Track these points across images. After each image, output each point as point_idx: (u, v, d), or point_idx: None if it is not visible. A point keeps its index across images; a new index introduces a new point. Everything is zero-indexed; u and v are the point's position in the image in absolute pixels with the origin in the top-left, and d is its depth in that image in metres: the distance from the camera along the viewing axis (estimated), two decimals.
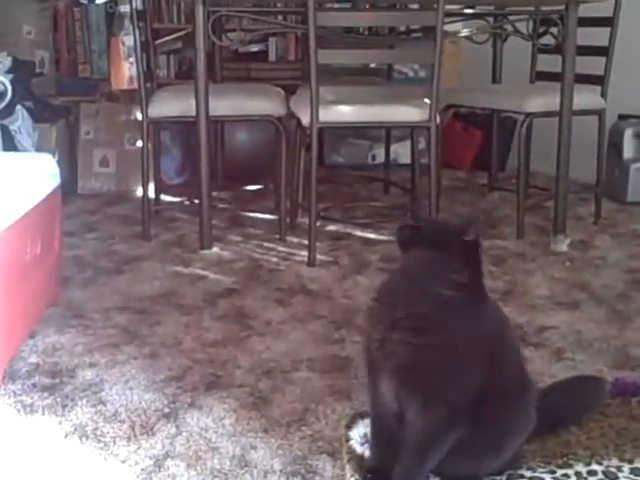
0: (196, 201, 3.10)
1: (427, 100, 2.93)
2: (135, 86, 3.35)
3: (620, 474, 1.60)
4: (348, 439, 1.69)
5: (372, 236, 3.23)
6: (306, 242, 2.92)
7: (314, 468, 1.64)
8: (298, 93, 3.27)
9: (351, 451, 1.64)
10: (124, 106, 3.90)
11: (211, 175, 3.15)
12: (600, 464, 1.63)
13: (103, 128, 3.83)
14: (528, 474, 1.59)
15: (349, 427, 1.73)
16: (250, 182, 3.80)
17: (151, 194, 3.41)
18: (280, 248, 3.10)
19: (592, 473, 1.60)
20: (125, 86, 3.74)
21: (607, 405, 1.88)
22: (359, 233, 3.27)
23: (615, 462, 1.64)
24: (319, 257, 2.92)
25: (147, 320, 2.41)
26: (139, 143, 3.27)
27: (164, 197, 3.63)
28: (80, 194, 3.80)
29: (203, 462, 1.67)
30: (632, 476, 1.59)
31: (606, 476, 1.59)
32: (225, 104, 3.11)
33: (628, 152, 3.78)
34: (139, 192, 3.24)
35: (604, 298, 2.61)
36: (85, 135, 3.82)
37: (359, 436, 1.68)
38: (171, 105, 3.14)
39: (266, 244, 3.14)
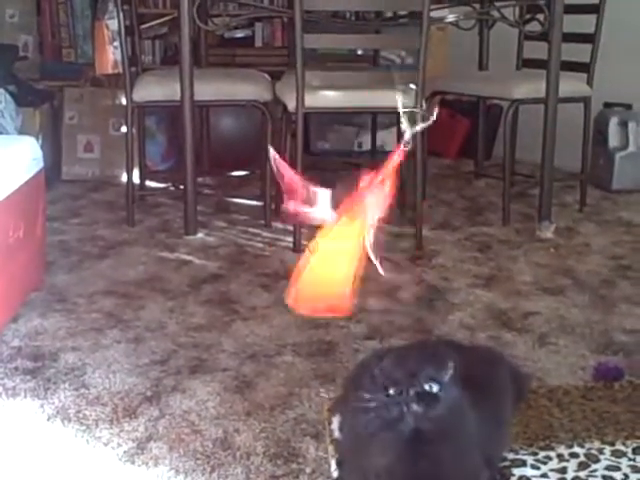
0: (181, 187, 3.08)
1: (413, 86, 2.92)
2: (120, 71, 3.32)
3: (601, 456, 1.61)
4: (331, 422, 1.69)
5: None
6: (291, 228, 2.91)
7: (297, 450, 1.64)
8: (284, 78, 3.25)
9: (334, 434, 1.64)
10: (109, 91, 3.87)
11: (196, 161, 3.14)
12: (582, 446, 1.64)
13: (87, 113, 3.80)
14: (510, 456, 1.60)
15: (333, 410, 1.73)
16: (236, 168, 3.78)
17: (136, 180, 3.39)
18: (265, 234, 3.09)
19: (574, 455, 1.61)
20: (110, 71, 3.70)
21: (589, 389, 1.90)
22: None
23: (597, 444, 1.65)
24: (304, 243, 2.92)
25: (131, 305, 2.40)
26: (124, 128, 3.25)
27: (149, 183, 3.60)
28: (64, 179, 3.77)
29: (186, 445, 1.67)
30: (613, 458, 1.60)
31: (588, 458, 1.60)
32: (210, 89, 3.10)
33: (613, 140, 3.80)
34: (124, 178, 3.22)
35: (588, 284, 2.62)
36: (69, 120, 3.79)
37: None
38: (156, 89, 3.12)
39: (251, 230, 3.13)
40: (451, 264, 2.79)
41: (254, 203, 3.33)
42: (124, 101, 3.14)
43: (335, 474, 1.53)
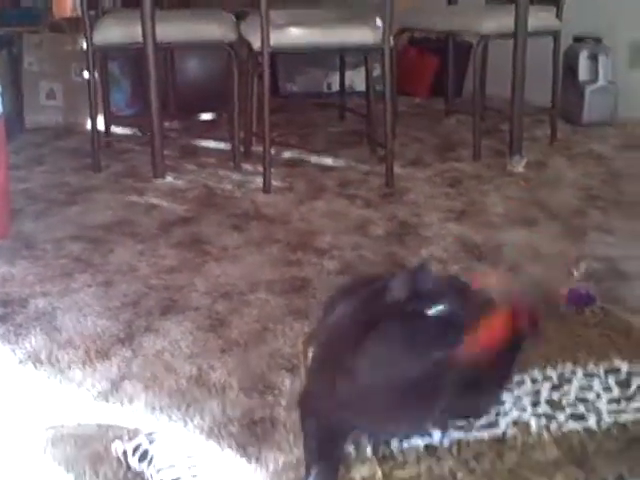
0: (148, 132, 3.02)
1: (380, 22, 2.87)
2: (79, 14, 3.22)
3: (574, 377, 1.63)
4: (307, 355, 1.69)
5: (328, 162, 3.20)
6: (261, 169, 2.88)
7: (272, 384, 1.64)
8: (248, 19, 3.18)
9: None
10: (68, 36, 3.75)
11: (162, 105, 3.08)
12: (555, 369, 1.66)
13: (48, 59, 3.69)
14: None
15: (307, 343, 1.73)
16: (203, 111, 3.71)
17: (101, 126, 3.32)
18: (235, 176, 3.05)
19: (547, 378, 1.63)
20: (68, 14, 3.60)
21: (562, 315, 1.91)
22: (315, 159, 3.23)
23: (569, 367, 1.67)
24: (274, 184, 2.89)
25: (100, 249, 2.36)
26: (86, 74, 3.17)
27: (115, 129, 3.54)
28: (28, 129, 3.68)
29: (160, 383, 1.66)
30: (586, 379, 1.62)
31: (560, 380, 1.62)
32: (173, 29, 3.02)
33: (583, 74, 3.78)
34: (88, 125, 3.15)
35: (559, 215, 2.63)
36: (29, 66, 3.68)
37: None
38: (117, 31, 3.03)
39: (220, 172, 3.09)
40: (422, 200, 2.78)
41: (223, 146, 3.28)
42: (85, 46, 3.05)
43: None
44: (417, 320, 1.24)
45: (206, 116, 3.57)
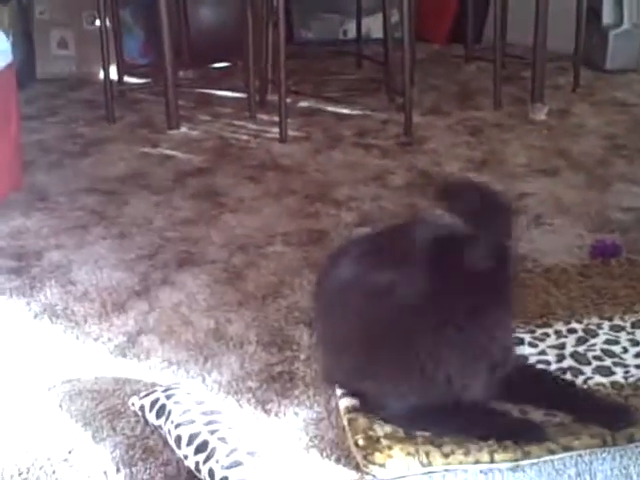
0: (162, 82, 2.96)
1: None
2: None
3: (600, 331, 1.59)
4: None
5: (345, 111, 3.12)
6: (277, 119, 2.82)
7: (290, 338, 1.61)
8: None
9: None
10: None
11: (176, 53, 3.01)
12: (580, 322, 1.62)
13: (59, 7, 3.60)
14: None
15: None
16: (217, 60, 3.63)
17: (114, 76, 3.26)
18: (250, 126, 2.99)
19: (572, 331, 1.59)
20: None
21: (587, 266, 1.86)
22: (332, 108, 3.16)
23: (595, 320, 1.62)
24: (291, 133, 2.83)
25: (115, 201, 2.33)
26: (98, 22, 3.09)
27: (128, 79, 3.47)
28: (39, 79, 3.62)
29: (177, 336, 1.64)
30: (612, 332, 1.58)
31: (586, 333, 1.58)
32: None
33: (607, 17, 3.64)
34: (101, 74, 3.09)
35: (583, 164, 2.56)
36: (40, 15, 3.60)
37: None
38: None
39: (236, 122, 3.03)
40: (442, 149, 2.72)
41: (238, 95, 3.21)
42: None
43: None
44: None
45: (221, 65, 3.49)
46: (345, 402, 1.37)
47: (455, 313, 1.26)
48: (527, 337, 1.57)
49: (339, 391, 1.40)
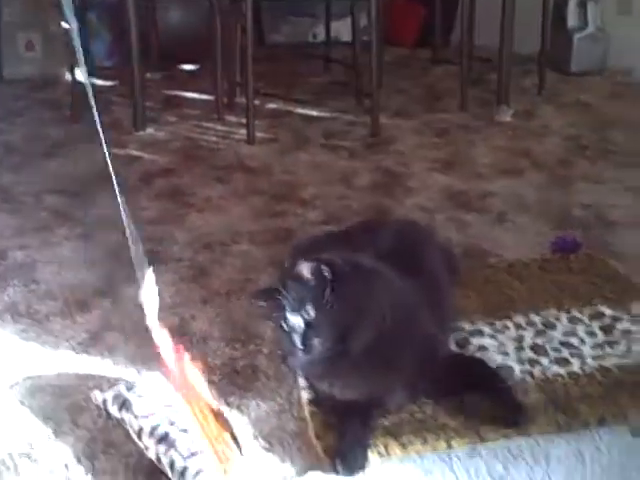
0: (129, 84, 2.96)
1: None
2: None
3: (558, 323, 1.61)
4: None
5: (313, 113, 3.15)
6: (245, 121, 2.83)
7: (254, 334, 1.62)
8: None
9: None
10: None
11: (144, 55, 3.01)
12: (539, 315, 1.64)
13: (26, 10, 3.60)
14: (468, 327, 1.59)
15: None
16: (185, 62, 3.64)
17: (81, 78, 3.25)
18: (218, 127, 3.00)
19: (531, 323, 1.61)
20: None
21: (547, 261, 1.89)
22: (300, 110, 3.18)
23: (554, 312, 1.65)
24: (259, 135, 2.84)
25: (81, 202, 2.32)
26: (65, 24, 3.09)
27: (95, 81, 3.46)
28: (6, 80, 3.60)
29: (140, 333, 1.62)
30: (570, 324, 1.61)
31: (545, 326, 1.60)
32: None
33: (572, 20, 3.71)
34: (68, 76, 3.08)
35: (546, 164, 2.60)
36: (7, 17, 3.59)
37: None
38: None
39: (203, 124, 3.04)
40: (408, 150, 2.75)
41: (206, 97, 3.22)
42: None
43: None
44: None
45: (189, 67, 3.50)
46: (307, 394, 1.38)
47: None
48: (487, 329, 1.59)
49: (301, 383, 1.41)
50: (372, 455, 1.25)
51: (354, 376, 1.30)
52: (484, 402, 1.34)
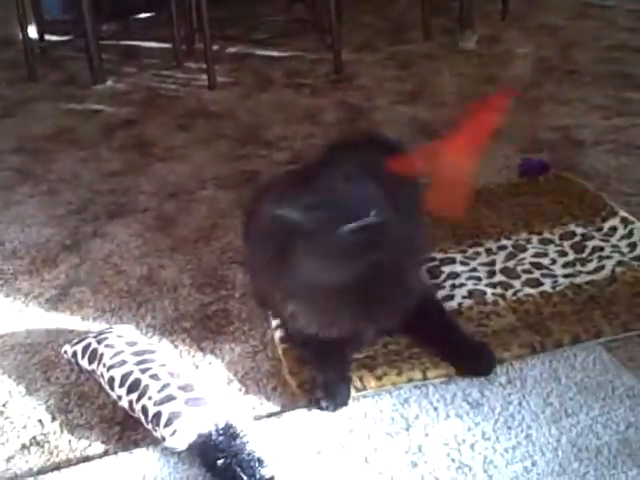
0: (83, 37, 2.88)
1: None
2: None
3: (529, 245, 1.61)
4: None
5: (274, 53, 3.08)
6: (205, 67, 2.77)
7: (225, 278, 1.61)
8: None
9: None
10: None
11: (96, 7, 2.92)
12: (509, 239, 1.64)
13: None
14: (439, 256, 1.59)
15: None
16: (140, 11, 3.53)
17: (34, 35, 3.17)
18: (178, 75, 2.93)
19: (502, 247, 1.61)
20: None
21: (515, 185, 1.88)
22: (261, 52, 3.11)
23: (524, 235, 1.65)
24: (220, 79, 2.78)
25: (42, 159, 2.27)
26: None
27: (50, 37, 3.37)
28: None
29: (109, 286, 1.61)
30: (540, 245, 1.60)
31: (515, 248, 1.60)
32: None
33: None
34: (20, 34, 2.99)
35: (513, 88, 2.56)
36: None
37: None
38: None
39: (163, 72, 2.97)
40: (373, 84, 2.70)
41: (164, 45, 3.14)
42: None
43: None
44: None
45: (144, 16, 3.40)
46: (279, 333, 1.37)
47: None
48: (459, 256, 1.58)
49: (274, 322, 1.40)
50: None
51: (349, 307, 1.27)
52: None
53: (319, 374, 1.25)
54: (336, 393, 1.22)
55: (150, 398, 1.15)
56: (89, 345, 1.30)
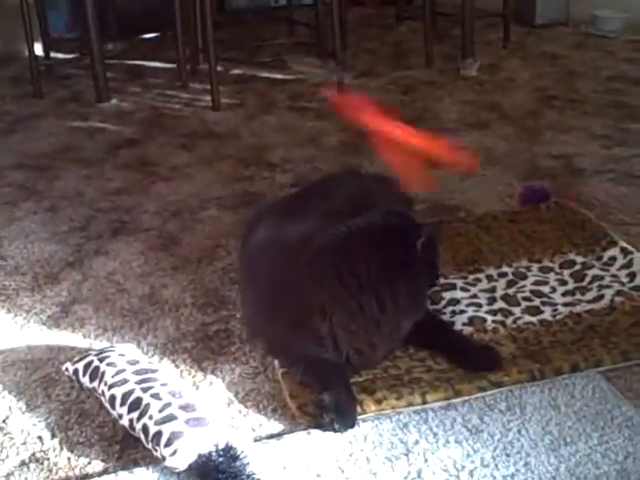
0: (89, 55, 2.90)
1: None
2: None
3: (529, 273, 1.62)
4: None
5: (278, 76, 3.11)
6: (209, 87, 2.79)
7: (226, 298, 1.61)
8: None
9: None
10: None
11: (103, 26, 2.95)
12: (510, 266, 1.65)
13: None
14: (440, 281, 1.59)
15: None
16: (146, 31, 3.56)
17: (40, 52, 3.19)
18: (182, 95, 2.96)
19: (502, 275, 1.62)
20: None
21: (516, 213, 1.89)
22: (265, 74, 3.14)
23: (525, 263, 1.66)
24: (224, 101, 2.80)
25: (45, 176, 2.28)
26: None
27: (56, 54, 3.40)
28: None
29: (112, 304, 1.62)
30: (540, 274, 1.62)
31: (515, 276, 1.61)
32: None
33: None
34: (26, 51, 3.01)
35: (514, 117, 2.59)
36: None
37: None
38: None
39: (168, 92, 2.99)
40: None
41: (169, 66, 3.17)
42: None
43: None
44: None
45: (150, 36, 3.43)
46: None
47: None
48: (459, 282, 1.59)
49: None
50: None
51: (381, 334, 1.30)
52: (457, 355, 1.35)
53: (327, 395, 1.24)
54: (346, 413, 1.23)
55: (151, 417, 1.15)
56: (91, 363, 1.30)
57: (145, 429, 1.15)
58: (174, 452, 1.11)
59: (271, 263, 1.36)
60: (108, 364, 1.28)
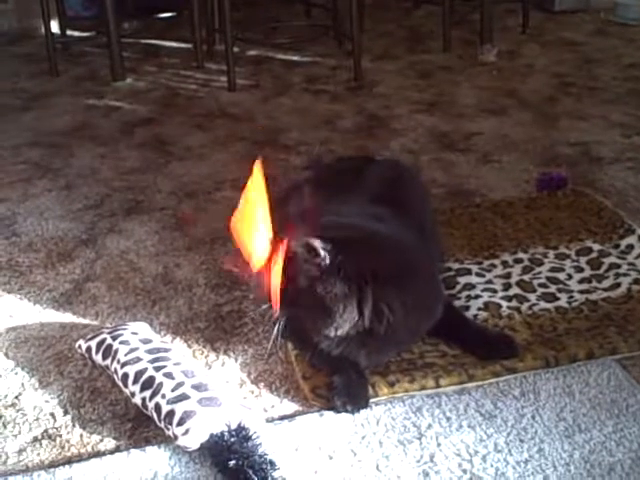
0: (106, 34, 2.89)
1: None
2: None
3: (545, 259, 1.60)
4: None
5: (294, 58, 3.09)
6: (225, 68, 2.77)
7: (239, 280, 1.60)
8: None
9: None
10: None
11: (120, 5, 2.93)
12: (526, 252, 1.63)
13: None
14: (455, 266, 1.58)
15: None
16: (163, 10, 3.54)
17: (56, 29, 3.18)
18: (198, 75, 2.94)
19: (518, 261, 1.60)
20: None
21: (533, 199, 1.88)
22: (281, 56, 3.12)
23: (541, 249, 1.64)
24: (240, 82, 2.79)
25: (60, 154, 2.28)
26: None
27: (72, 32, 3.38)
28: None
29: (125, 282, 1.62)
30: (557, 260, 1.60)
31: (532, 262, 1.60)
32: None
33: None
34: (43, 28, 3.00)
35: (531, 102, 2.57)
36: None
37: None
38: None
39: (183, 72, 2.98)
40: (392, 92, 2.70)
41: (185, 45, 3.15)
42: None
43: None
44: None
45: (166, 15, 3.41)
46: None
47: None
48: (475, 268, 1.58)
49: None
50: None
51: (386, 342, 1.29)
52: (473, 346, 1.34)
53: (339, 377, 1.25)
54: (358, 395, 1.23)
55: (164, 396, 1.15)
56: (104, 341, 1.30)
57: (157, 408, 1.15)
58: (186, 431, 1.11)
59: None
60: (121, 342, 1.28)
